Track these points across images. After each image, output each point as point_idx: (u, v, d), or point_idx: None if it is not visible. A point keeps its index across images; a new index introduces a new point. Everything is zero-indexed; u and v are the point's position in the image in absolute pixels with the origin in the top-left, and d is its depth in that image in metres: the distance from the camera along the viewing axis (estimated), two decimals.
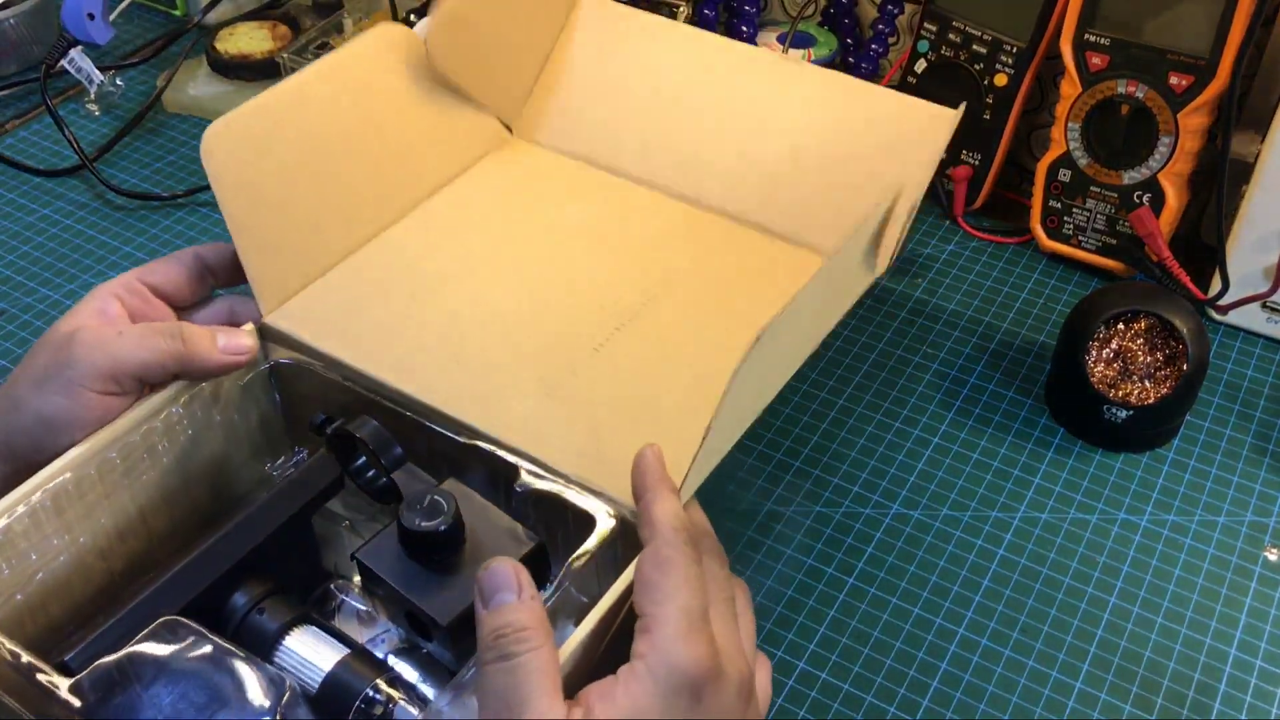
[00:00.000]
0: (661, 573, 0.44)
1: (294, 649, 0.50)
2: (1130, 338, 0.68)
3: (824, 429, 0.71)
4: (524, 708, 0.40)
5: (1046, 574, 0.63)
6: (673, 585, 0.43)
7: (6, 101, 0.98)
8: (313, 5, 1.02)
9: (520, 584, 0.43)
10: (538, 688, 0.40)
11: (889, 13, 0.88)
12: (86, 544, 0.53)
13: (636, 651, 0.42)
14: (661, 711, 0.41)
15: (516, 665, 0.41)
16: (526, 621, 0.42)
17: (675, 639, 0.42)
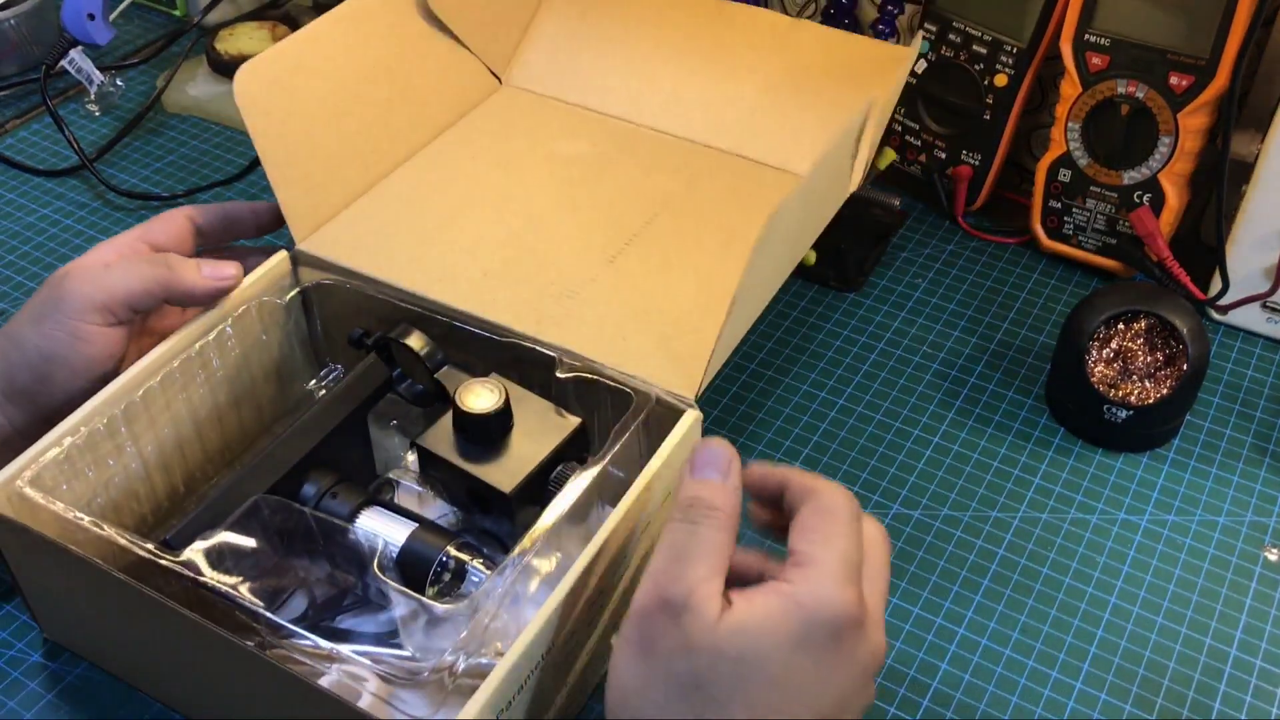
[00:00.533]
0: (822, 519, 0.44)
1: (367, 526, 0.55)
2: (1130, 338, 0.68)
3: (824, 429, 0.71)
4: (688, 564, 0.43)
5: (1046, 574, 0.63)
6: (834, 531, 0.44)
7: (6, 101, 0.98)
8: (313, 5, 1.02)
9: (730, 470, 0.46)
10: (707, 555, 0.43)
11: (889, 13, 0.88)
12: (151, 453, 0.59)
13: (785, 577, 0.43)
14: (796, 634, 0.42)
15: (696, 529, 0.44)
16: (720, 503, 0.45)
17: (828, 577, 0.43)
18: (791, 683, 0.42)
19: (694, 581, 0.42)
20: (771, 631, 0.42)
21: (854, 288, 0.80)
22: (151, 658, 0.56)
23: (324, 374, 0.67)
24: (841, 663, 0.43)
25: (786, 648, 0.42)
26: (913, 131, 0.85)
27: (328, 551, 0.55)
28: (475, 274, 0.64)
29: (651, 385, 0.58)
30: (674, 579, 0.43)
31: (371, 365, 0.61)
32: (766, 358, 0.75)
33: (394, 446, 0.64)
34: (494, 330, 0.61)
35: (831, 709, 0.43)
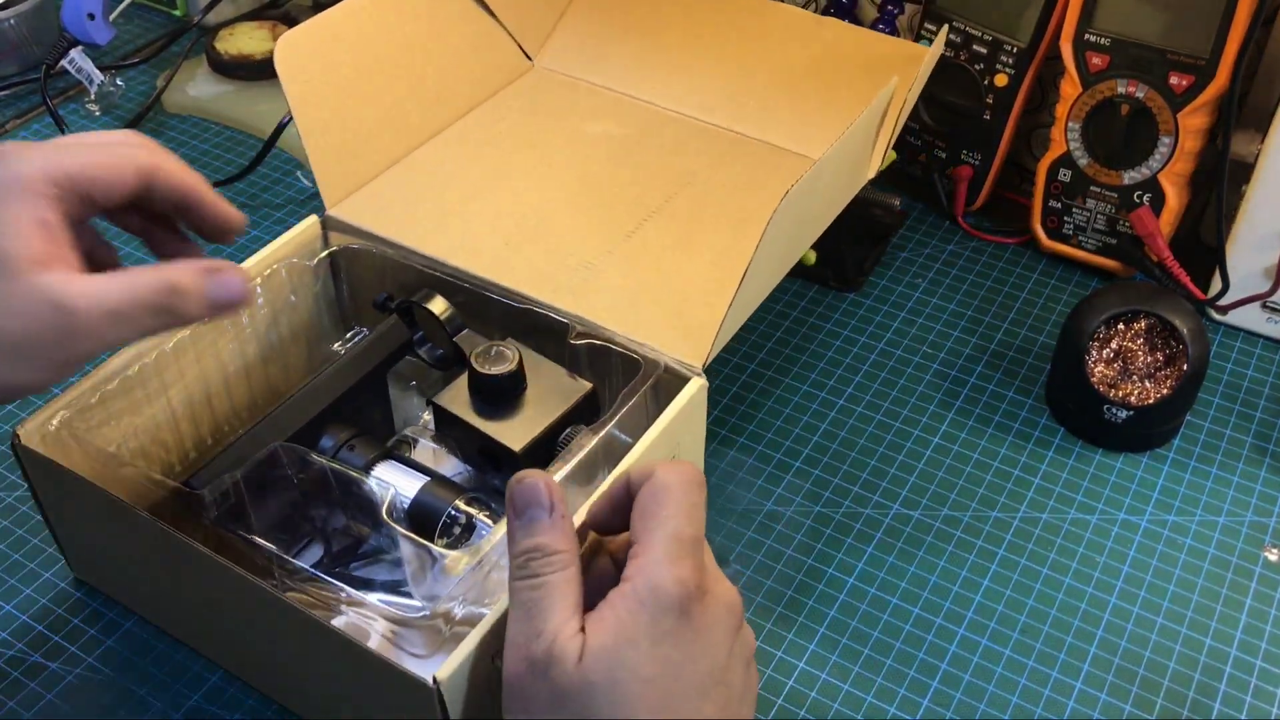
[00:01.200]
0: (657, 501, 0.44)
1: (382, 478, 0.57)
2: (1130, 338, 0.68)
3: (824, 429, 0.71)
4: (542, 619, 0.43)
5: (1046, 574, 0.63)
6: (666, 513, 0.44)
7: (6, 101, 0.98)
8: (313, 5, 1.02)
9: (551, 501, 0.45)
10: (557, 602, 0.43)
11: (889, 13, 0.88)
12: (180, 404, 0.62)
13: (625, 575, 0.43)
14: (647, 630, 0.42)
15: (543, 584, 0.43)
16: (556, 545, 0.44)
17: (661, 561, 0.43)
18: (665, 675, 0.42)
19: (551, 633, 0.42)
20: (628, 639, 0.42)
21: (854, 288, 0.80)
22: (174, 597, 0.58)
23: (349, 336, 0.71)
24: (700, 634, 0.43)
25: (645, 646, 0.42)
26: (913, 131, 0.85)
27: (343, 501, 0.57)
28: (497, 244, 0.67)
29: (661, 354, 0.60)
30: (532, 638, 0.43)
31: (393, 326, 0.64)
32: (766, 358, 0.75)
33: (412, 406, 0.66)
34: (512, 297, 0.64)
35: (710, 677, 0.43)
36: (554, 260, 0.66)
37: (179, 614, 0.59)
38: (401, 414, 0.66)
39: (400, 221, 0.69)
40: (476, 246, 0.67)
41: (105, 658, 0.60)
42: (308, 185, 0.89)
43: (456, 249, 0.66)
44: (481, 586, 0.53)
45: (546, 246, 0.68)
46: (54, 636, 0.60)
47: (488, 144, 0.76)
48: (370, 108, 0.72)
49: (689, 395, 0.58)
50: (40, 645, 0.60)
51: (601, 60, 0.83)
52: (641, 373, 0.59)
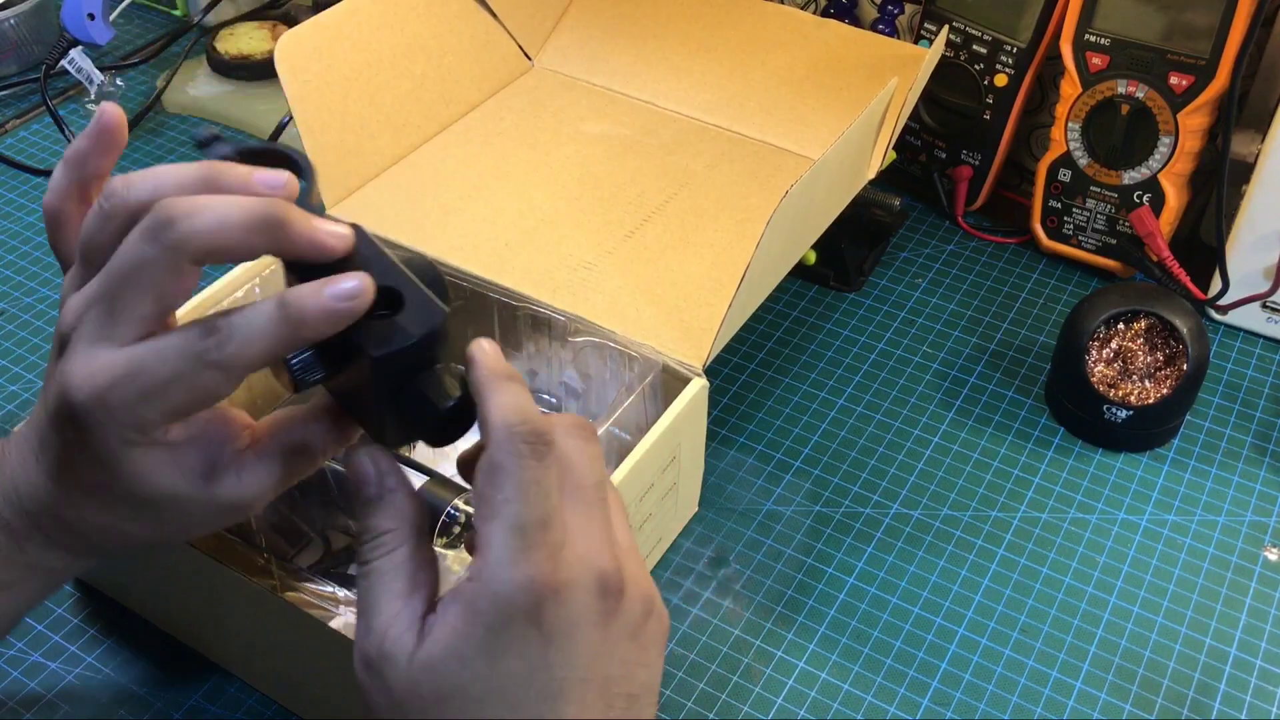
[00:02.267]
0: (492, 485, 0.37)
1: None
2: (1130, 338, 0.68)
3: (824, 429, 0.71)
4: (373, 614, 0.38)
5: (1046, 574, 0.63)
6: (502, 498, 0.37)
7: (6, 101, 0.98)
8: (313, 5, 1.02)
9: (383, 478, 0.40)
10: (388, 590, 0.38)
11: (889, 13, 0.88)
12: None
13: (468, 573, 0.37)
14: (483, 645, 0.36)
15: (371, 571, 0.39)
16: (382, 524, 0.39)
17: (499, 562, 0.36)
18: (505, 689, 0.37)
19: (381, 629, 0.37)
20: (457, 656, 0.36)
21: (854, 288, 0.80)
22: (174, 597, 0.58)
23: None
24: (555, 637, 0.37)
25: (479, 664, 0.36)
26: (913, 131, 0.85)
27: (342, 502, 0.57)
28: (497, 243, 0.67)
29: (660, 353, 0.60)
30: (364, 635, 0.38)
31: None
32: (766, 358, 0.75)
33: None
34: (512, 297, 0.64)
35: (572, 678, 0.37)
36: (553, 259, 0.66)
37: (179, 614, 0.59)
38: None
39: (400, 221, 0.69)
40: (476, 246, 0.67)
41: (105, 658, 0.60)
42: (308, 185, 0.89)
43: (456, 248, 0.67)
44: None
45: (546, 246, 0.68)
46: (54, 636, 0.60)
47: (488, 144, 0.76)
48: (370, 107, 0.72)
49: (689, 395, 0.58)
50: (40, 645, 0.60)
51: (601, 60, 0.83)
52: (640, 372, 0.59)
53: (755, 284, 0.61)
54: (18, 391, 0.73)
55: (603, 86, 0.82)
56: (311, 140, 0.68)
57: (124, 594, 0.61)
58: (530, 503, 0.37)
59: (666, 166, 0.75)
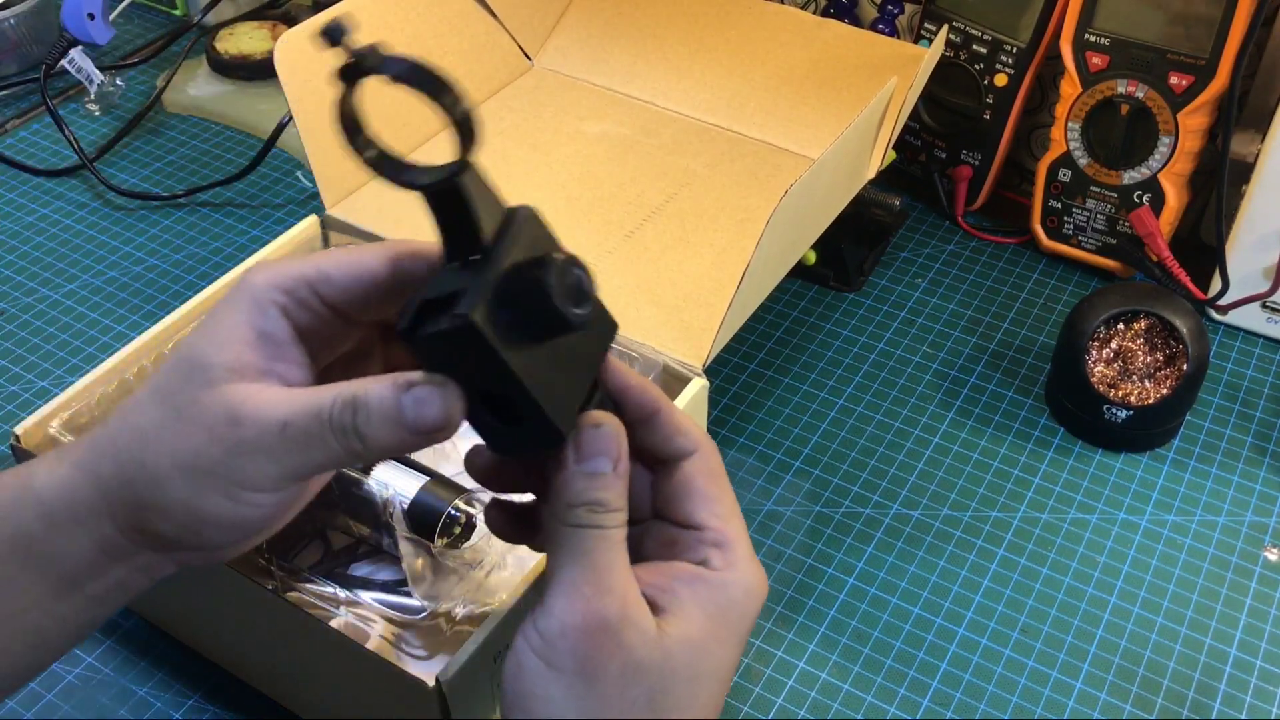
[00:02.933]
0: (720, 488, 0.42)
1: (381, 478, 0.57)
2: (1130, 338, 0.68)
3: (824, 429, 0.71)
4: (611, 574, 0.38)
5: (1046, 574, 0.63)
6: (733, 502, 0.42)
7: (6, 101, 0.98)
8: (313, 5, 1.02)
9: (621, 456, 0.40)
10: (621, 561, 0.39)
11: (889, 13, 0.88)
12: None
13: (711, 564, 0.40)
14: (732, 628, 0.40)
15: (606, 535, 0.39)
16: (620, 503, 0.40)
17: (750, 560, 0.41)
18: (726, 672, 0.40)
19: (621, 591, 0.38)
20: (716, 638, 0.39)
21: (854, 288, 0.80)
22: (174, 598, 0.58)
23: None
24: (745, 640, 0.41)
25: (731, 644, 0.40)
26: (913, 131, 0.85)
27: (343, 502, 0.57)
28: None
29: (660, 353, 0.60)
30: (602, 592, 0.38)
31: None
32: (766, 358, 0.75)
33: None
34: None
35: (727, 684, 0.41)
36: None
37: (179, 614, 0.59)
38: None
39: (400, 221, 0.68)
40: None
41: (105, 658, 0.59)
42: (308, 185, 0.89)
43: None
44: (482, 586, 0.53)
45: None
46: None
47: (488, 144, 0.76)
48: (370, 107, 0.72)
49: (690, 395, 0.58)
50: None
51: (601, 60, 0.83)
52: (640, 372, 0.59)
53: (755, 284, 0.61)
54: (18, 392, 0.73)
55: (603, 86, 0.82)
56: (311, 140, 0.68)
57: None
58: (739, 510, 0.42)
59: (666, 166, 0.75)
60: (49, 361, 0.75)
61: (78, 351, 0.76)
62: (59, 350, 0.76)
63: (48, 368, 0.75)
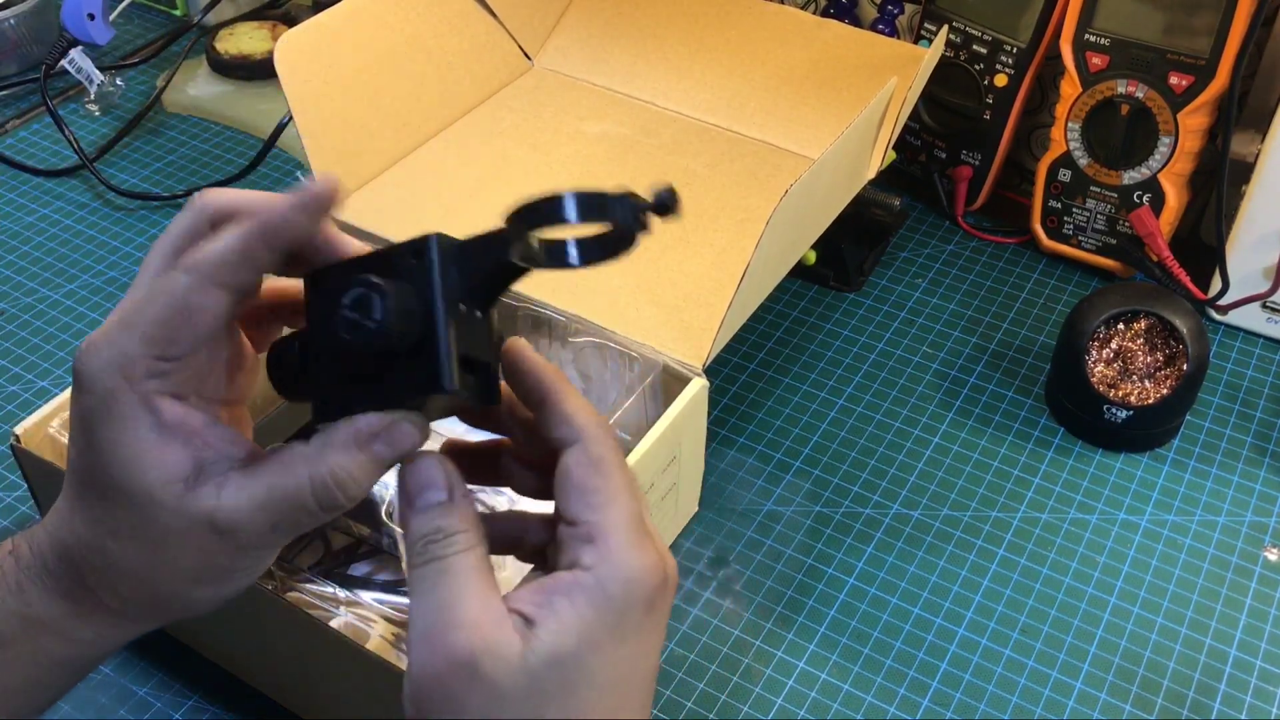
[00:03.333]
0: (600, 475, 0.39)
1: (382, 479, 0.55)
2: (1130, 338, 0.68)
3: (824, 429, 0.71)
4: (458, 608, 0.37)
5: (1046, 574, 0.63)
6: (613, 489, 0.39)
7: (6, 101, 0.98)
8: (313, 5, 1.02)
9: (450, 481, 0.39)
10: (472, 587, 0.37)
11: (889, 13, 0.88)
12: None
13: (580, 562, 0.38)
14: (614, 627, 0.37)
15: (448, 568, 0.37)
16: (458, 525, 0.38)
17: (627, 548, 0.38)
18: (622, 678, 0.38)
19: (473, 624, 0.36)
20: (590, 643, 0.37)
21: (854, 288, 0.80)
22: None
23: None
24: (659, 626, 0.39)
25: (609, 649, 0.37)
26: (913, 131, 0.85)
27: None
28: None
29: (660, 353, 0.60)
30: (449, 628, 0.36)
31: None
32: (766, 358, 0.75)
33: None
34: (511, 296, 0.64)
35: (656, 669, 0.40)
36: None
37: None
38: None
39: (399, 221, 0.69)
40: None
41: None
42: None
43: None
44: None
45: None
46: None
47: (488, 144, 0.76)
48: (370, 108, 0.72)
49: (689, 395, 0.58)
50: None
51: (601, 60, 0.83)
52: (640, 372, 0.59)
53: (755, 284, 0.61)
54: (18, 392, 0.73)
55: (603, 86, 0.82)
56: (311, 140, 0.68)
57: None
58: (635, 493, 0.39)
59: (666, 166, 0.75)
60: (49, 361, 0.75)
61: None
62: (59, 350, 0.76)
63: (48, 368, 0.75)
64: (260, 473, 0.39)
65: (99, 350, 0.39)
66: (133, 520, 0.39)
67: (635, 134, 0.78)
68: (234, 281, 0.38)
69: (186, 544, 0.39)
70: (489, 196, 0.72)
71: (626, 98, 0.81)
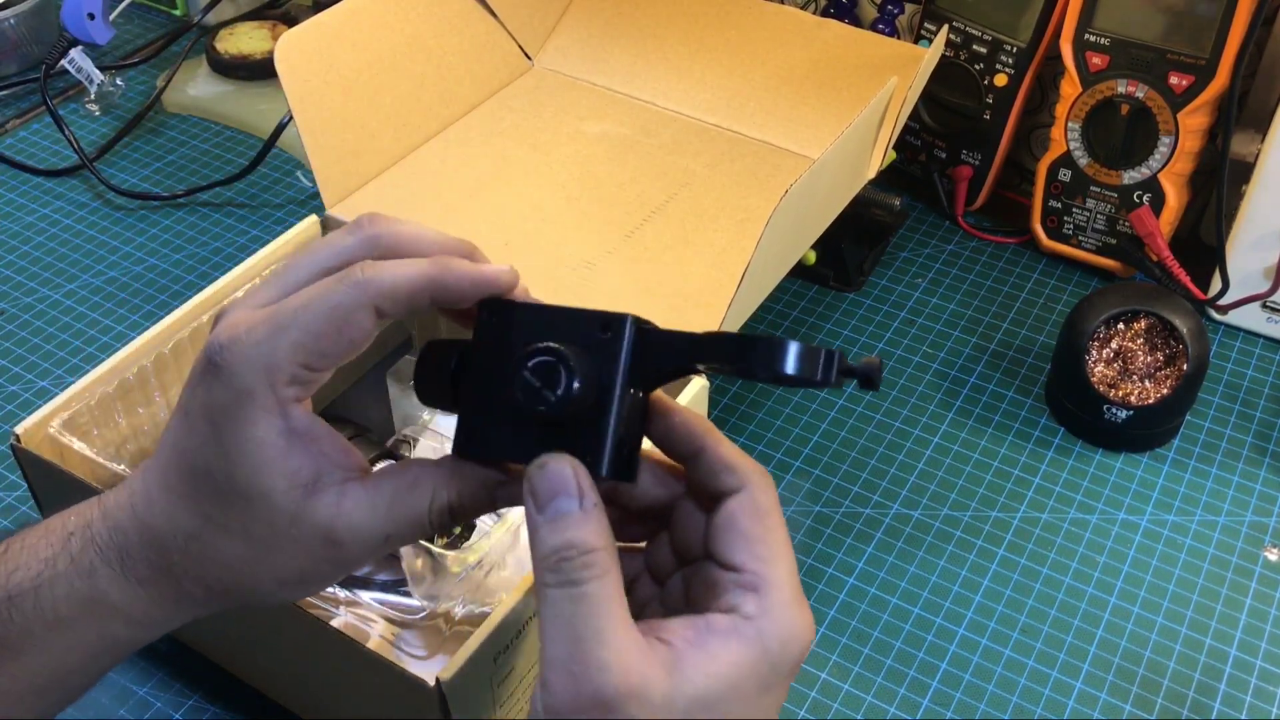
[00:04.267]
0: (765, 526, 0.38)
1: None
2: (1130, 338, 0.68)
3: (824, 429, 0.71)
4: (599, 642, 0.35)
5: (1046, 574, 0.63)
6: (779, 541, 0.38)
7: (6, 101, 0.98)
8: (313, 5, 1.02)
9: (582, 489, 0.37)
10: (611, 617, 0.36)
11: (889, 13, 0.88)
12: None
13: (741, 610, 0.37)
14: (764, 680, 0.37)
15: (585, 594, 0.36)
16: (593, 541, 0.36)
17: (789, 605, 0.37)
18: None
19: (615, 659, 0.35)
20: (737, 689, 0.36)
21: (854, 288, 0.80)
22: None
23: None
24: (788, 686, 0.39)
25: (752, 699, 0.36)
26: (913, 131, 0.85)
27: None
28: (497, 243, 0.68)
29: None
30: (592, 667, 0.35)
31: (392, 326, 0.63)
32: None
33: (412, 405, 0.66)
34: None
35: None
36: (554, 259, 0.66)
37: None
38: (401, 414, 0.66)
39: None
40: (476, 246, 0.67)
41: None
42: (308, 185, 0.89)
43: None
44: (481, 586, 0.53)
45: (546, 246, 0.68)
46: None
47: (488, 144, 0.76)
48: (370, 108, 0.72)
49: (689, 395, 0.58)
50: None
51: (601, 60, 0.83)
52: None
53: (755, 284, 0.61)
54: (18, 391, 0.73)
55: (603, 86, 0.82)
56: (311, 140, 0.67)
57: None
58: (791, 551, 0.39)
59: (666, 166, 0.75)
60: (49, 361, 0.75)
61: (78, 351, 0.76)
62: (59, 350, 0.76)
63: (48, 368, 0.75)
64: (383, 487, 0.39)
65: (244, 347, 0.38)
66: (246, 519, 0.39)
67: (635, 134, 0.78)
68: (392, 311, 0.39)
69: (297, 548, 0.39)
70: (489, 196, 0.72)
71: (626, 98, 0.81)
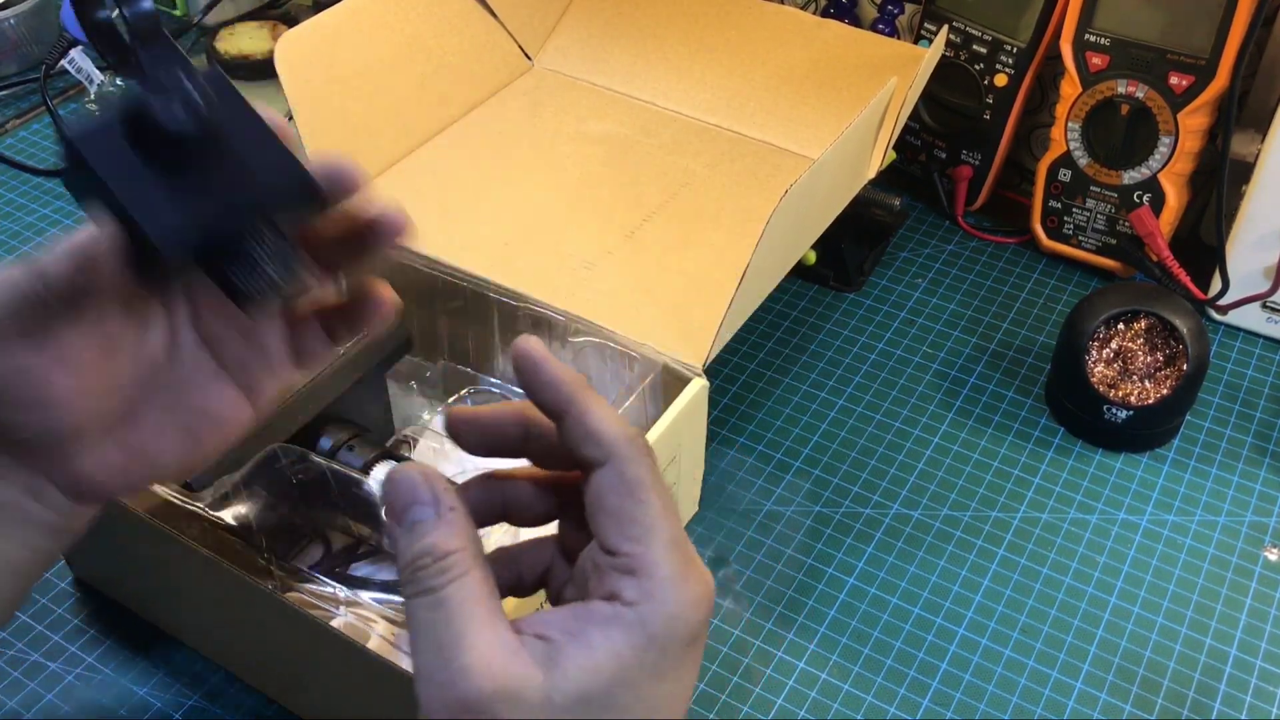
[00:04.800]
0: (635, 501, 0.35)
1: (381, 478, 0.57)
2: (1130, 338, 0.68)
3: (824, 429, 0.71)
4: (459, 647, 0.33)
5: (1046, 574, 0.63)
6: (652, 516, 0.35)
7: (6, 101, 0.98)
8: (313, 5, 1.02)
9: (436, 495, 0.36)
10: (473, 620, 0.34)
11: (889, 13, 0.88)
12: None
13: (622, 596, 0.35)
14: (655, 666, 0.34)
15: (442, 600, 0.34)
16: (447, 545, 0.35)
17: (672, 582, 0.35)
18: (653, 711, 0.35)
19: (477, 662, 0.33)
20: (623, 681, 0.34)
21: (854, 288, 0.80)
22: (174, 598, 0.59)
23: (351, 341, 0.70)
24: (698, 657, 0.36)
25: (645, 686, 0.34)
26: (913, 131, 0.85)
27: (343, 502, 0.57)
28: (497, 244, 0.68)
29: (660, 353, 0.60)
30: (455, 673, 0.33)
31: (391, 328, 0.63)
32: (766, 358, 0.75)
33: (412, 406, 0.66)
34: (511, 296, 0.64)
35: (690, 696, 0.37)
36: (554, 259, 0.66)
37: (179, 614, 0.60)
38: (401, 414, 0.66)
39: None
40: (476, 246, 0.67)
41: (105, 658, 0.60)
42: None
43: (456, 249, 0.66)
44: None
45: (547, 246, 0.68)
46: (54, 636, 0.60)
47: (488, 144, 0.76)
48: (370, 108, 0.72)
49: (689, 395, 0.58)
50: (40, 645, 0.60)
51: (601, 60, 0.83)
52: (640, 372, 0.59)
53: (755, 284, 0.61)
54: None
55: (603, 86, 0.82)
56: (312, 140, 0.68)
57: (124, 594, 0.61)
58: (673, 516, 0.36)
59: (666, 166, 0.75)
60: None
61: None
62: None
63: None
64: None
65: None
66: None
67: (635, 134, 0.78)
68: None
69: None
70: (489, 196, 0.72)
71: (626, 98, 0.81)
